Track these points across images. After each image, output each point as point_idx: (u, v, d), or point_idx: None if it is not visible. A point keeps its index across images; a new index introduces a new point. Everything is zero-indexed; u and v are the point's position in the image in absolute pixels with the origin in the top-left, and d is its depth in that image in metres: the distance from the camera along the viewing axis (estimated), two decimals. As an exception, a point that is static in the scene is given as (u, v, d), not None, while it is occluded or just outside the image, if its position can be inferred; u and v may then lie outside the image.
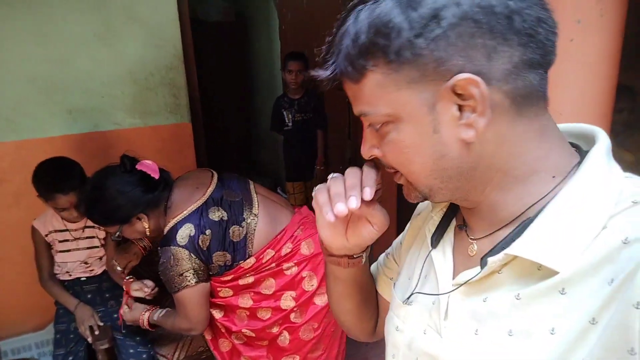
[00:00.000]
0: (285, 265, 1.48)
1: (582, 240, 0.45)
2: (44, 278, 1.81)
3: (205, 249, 1.38)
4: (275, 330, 1.52)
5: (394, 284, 0.71)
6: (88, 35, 2.05)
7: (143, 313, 1.57)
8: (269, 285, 1.49)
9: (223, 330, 1.58)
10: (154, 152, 2.28)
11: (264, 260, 1.47)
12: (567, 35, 0.99)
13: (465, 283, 0.54)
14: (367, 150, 0.55)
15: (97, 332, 1.68)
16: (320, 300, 1.51)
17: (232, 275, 1.46)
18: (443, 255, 0.60)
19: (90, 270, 1.86)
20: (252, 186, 1.57)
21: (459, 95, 0.46)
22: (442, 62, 0.45)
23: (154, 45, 2.20)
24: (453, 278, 0.57)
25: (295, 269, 1.49)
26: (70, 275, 1.84)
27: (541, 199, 0.49)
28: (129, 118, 2.23)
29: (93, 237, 1.84)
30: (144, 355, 1.75)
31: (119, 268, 1.72)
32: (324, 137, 3.24)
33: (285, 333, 1.52)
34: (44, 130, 2.06)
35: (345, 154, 3.28)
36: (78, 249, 1.82)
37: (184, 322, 1.44)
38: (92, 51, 2.08)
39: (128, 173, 1.39)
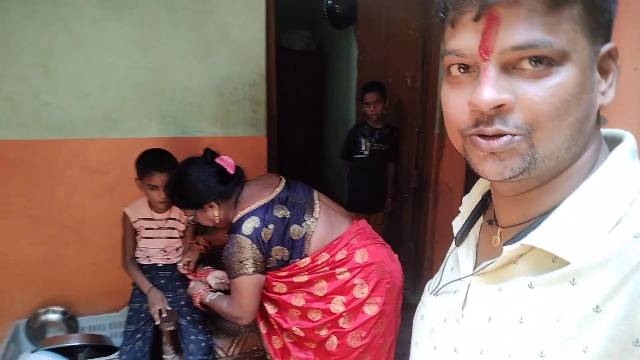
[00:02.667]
0: (338, 270, 1.55)
1: (595, 233, 0.45)
2: (126, 260, 2.02)
3: (266, 241, 1.50)
4: (323, 333, 1.58)
5: (430, 280, 0.74)
6: (186, 50, 2.30)
7: (199, 291, 1.71)
8: (321, 287, 1.57)
9: (276, 327, 1.66)
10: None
11: (318, 262, 1.55)
12: (631, 64, 1.01)
13: (481, 270, 0.55)
14: (498, 93, 0.45)
15: (164, 315, 1.83)
16: (370, 310, 1.56)
17: (288, 272, 1.56)
18: (467, 249, 0.63)
19: (167, 259, 2.04)
20: (315, 194, 1.68)
21: (603, 61, 0.47)
22: (610, 23, 0.47)
23: (240, 63, 2.41)
24: (474, 269, 0.59)
25: (347, 275, 1.55)
26: (150, 260, 2.04)
27: (569, 195, 0.49)
28: (212, 127, 2.44)
29: (174, 228, 2.04)
30: (203, 344, 1.88)
31: (179, 264, 1.90)
32: (396, 169, 3.26)
33: (334, 337, 1.57)
34: (140, 131, 2.31)
35: (410, 183, 3.31)
36: (159, 238, 2.01)
37: (236, 309, 1.56)
38: (187, 65, 2.32)
39: (208, 164, 1.56)
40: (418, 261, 3.27)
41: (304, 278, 1.57)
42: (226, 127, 2.47)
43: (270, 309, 1.64)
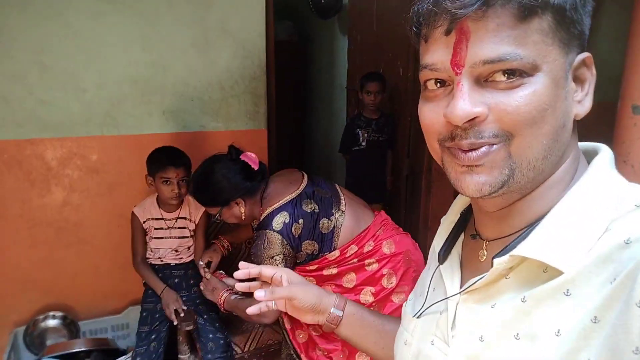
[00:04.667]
0: (367, 262, 1.57)
1: (585, 241, 0.45)
2: (137, 261, 1.96)
3: (296, 236, 1.50)
4: None
5: (406, 302, 0.73)
6: (186, 44, 2.24)
7: (223, 293, 1.68)
8: (350, 279, 1.58)
9: (301, 322, 1.67)
10: (232, 155, 2.45)
11: (347, 255, 1.57)
12: None
13: (471, 286, 0.53)
14: (472, 106, 0.46)
15: (182, 315, 1.80)
16: (398, 299, 1.59)
17: (317, 265, 1.56)
18: (451, 268, 0.61)
19: (179, 258, 2.01)
20: (338, 187, 1.69)
21: (578, 70, 0.48)
22: (583, 34, 0.47)
23: (241, 56, 2.37)
24: (461, 287, 0.57)
25: (375, 266, 1.57)
26: (162, 260, 2.00)
27: (554, 205, 0.49)
28: (213, 121, 2.40)
29: (184, 227, 2.00)
30: (221, 342, 1.87)
31: (201, 262, 1.87)
32: (392, 158, 3.30)
33: None
34: (140, 127, 2.24)
35: (403, 172, 3.36)
36: (170, 237, 1.97)
37: None
38: (188, 59, 2.26)
39: (233, 161, 1.55)
40: (412, 249, 3.33)
41: (333, 271, 1.57)
42: (227, 121, 2.43)
43: None
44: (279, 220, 1.49)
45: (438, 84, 0.50)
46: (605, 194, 0.48)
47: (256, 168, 1.58)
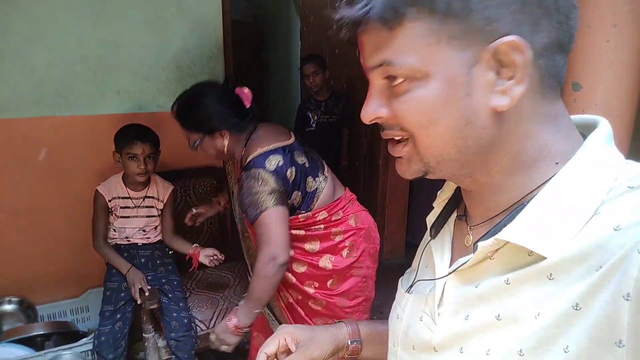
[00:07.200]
0: (333, 230, 1.59)
1: (572, 225, 0.44)
2: (99, 242, 1.94)
3: (290, 182, 1.46)
4: (310, 290, 1.60)
5: (403, 276, 0.73)
6: (139, 21, 2.19)
7: (229, 320, 1.49)
8: (314, 246, 1.59)
9: None
10: (190, 135, 2.43)
11: (317, 219, 1.57)
12: (604, 36, 1.16)
13: (457, 269, 0.53)
14: (374, 110, 0.50)
15: (147, 294, 1.81)
16: (358, 274, 1.64)
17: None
18: (441, 245, 0.61)
19: (147, 238, 2.00)
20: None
21: (497, 59, 0.45)
22: (491, 21, 0.44)
23: (198, 35, 2.34)
24: (450, 266, 0.57)
25: (341, 237, 1.60)
26: (129, 240, 1.98)
27: (540, 185, 0.48)
28: (170, 102, 2.32)
29: (152, 207, 2.00)
30: (185, 320, 1.88)
31: (194, 210, 1.89)
32: (349, 135, 3.35)
33: (322, 299, 1.62)
34: (93, 108, 2.18)
35: (361, 150, 3.44)
36: (137, 217, 1.96)
37: (267, 250, 1.41)
38: (142, 36, 2.21)
39: (227, 91, 1.51)
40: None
41: (300, 232, 1.57)
42: (185, 101, 2.40)
43: None
44: (272, 162, 1.43)
45: None
46: (598, 174, 0.45)
47: (248, 106, 1.53)
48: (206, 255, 1.83)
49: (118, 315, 1.84)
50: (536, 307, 0.44)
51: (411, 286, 0.65)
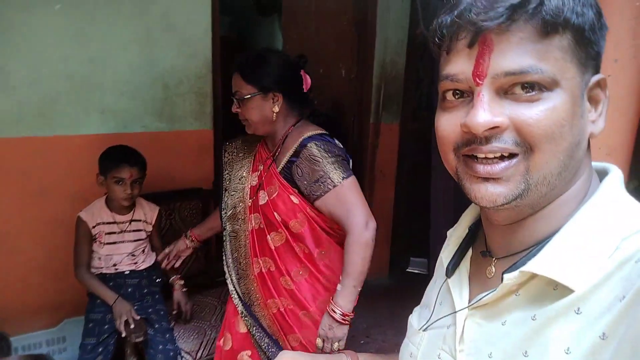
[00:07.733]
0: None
1: (596, 259, 0.46)
2: (81, 271, 1.81)
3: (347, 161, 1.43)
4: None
5: (411, 314, 0.73)
6: (127, 39, 2.12)
7: (332, 312, 1.36)
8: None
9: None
10: (176, 155, 2.37)
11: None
12: (605, 71, 1.17)
13: (479, 301, 0.53)
14: (492, 116, 0.47)
15: (132, 326, 1.72)
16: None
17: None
18: (459, 281, 0.61)
19: (135, 264, 1.91)
20: None
21: (592, 91, 0.49)
22: (599, 56, 0.49)
23: (186, 54, 2.29)
24: (469, 301, 0.58)
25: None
26: (117, 268, 1.88)
27: (565, 223, 0.50)
28: (156, 122, 2.30)
29: (140, 230, 1.91)
30: (171, 353, 1.80)
31: (166, 250, 1.77)
32: None
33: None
34: (77, 127, 2.10)
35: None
36: (124, 242, 1.87)
37: (359, 217, 1.33)
38: (129, 55, 2.15)
39: (296, 65, 1.49)
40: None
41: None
42: (171, 121, 2.34)
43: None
44: (326, 140, 1.42)
45: (457, 95, 0.51)
46: (616, 213, 0.48)
47: (305, 89, 1.50)
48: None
49: (100, 349, 1.74)
50: (566, 341, 0.44)
51: (427, 324, 0.64)
